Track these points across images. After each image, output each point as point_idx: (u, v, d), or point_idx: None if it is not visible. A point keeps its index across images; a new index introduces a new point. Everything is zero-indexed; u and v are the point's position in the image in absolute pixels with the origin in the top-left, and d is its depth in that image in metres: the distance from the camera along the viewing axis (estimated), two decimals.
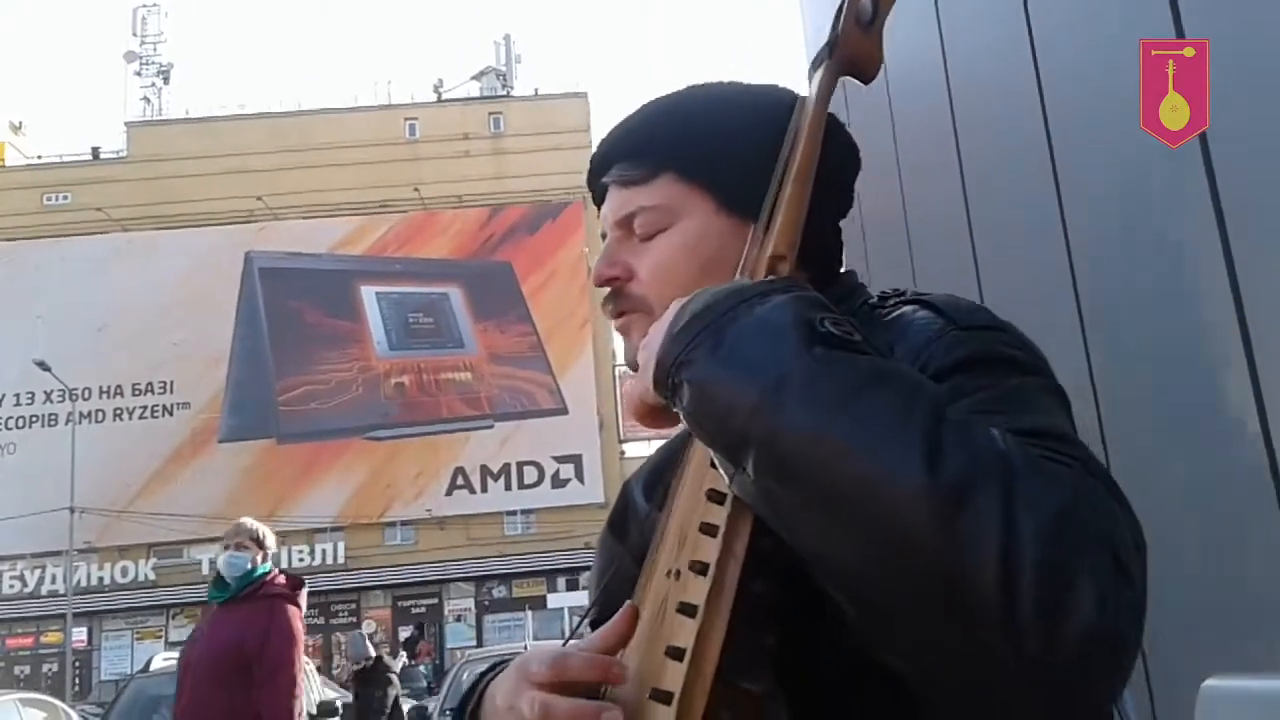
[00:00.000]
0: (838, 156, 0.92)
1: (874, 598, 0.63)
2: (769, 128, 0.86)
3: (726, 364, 0.67)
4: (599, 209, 0.99)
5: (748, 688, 0.68)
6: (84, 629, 28.57)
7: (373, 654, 9.54)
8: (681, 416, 0.72)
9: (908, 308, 0.84)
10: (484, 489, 31.20)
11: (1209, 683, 1.46)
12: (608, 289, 0.95)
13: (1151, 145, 2.17)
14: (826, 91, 0.84)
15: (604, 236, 0.97)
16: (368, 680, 9.39)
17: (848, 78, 0.87)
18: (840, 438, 0.62)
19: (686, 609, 0.69)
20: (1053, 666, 0.57)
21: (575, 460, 30.97)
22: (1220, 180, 2.01)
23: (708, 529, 0.71)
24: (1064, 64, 2.88)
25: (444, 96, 36.27)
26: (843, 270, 0.96)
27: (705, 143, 0.92)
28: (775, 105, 0.89)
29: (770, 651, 0.70)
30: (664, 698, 0.67)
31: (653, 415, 0.76)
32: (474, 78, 37.02)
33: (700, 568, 0.70)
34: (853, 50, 0.84)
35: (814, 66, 0.85)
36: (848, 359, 0.66)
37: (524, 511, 31.31)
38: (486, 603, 30.36)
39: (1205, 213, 2.04)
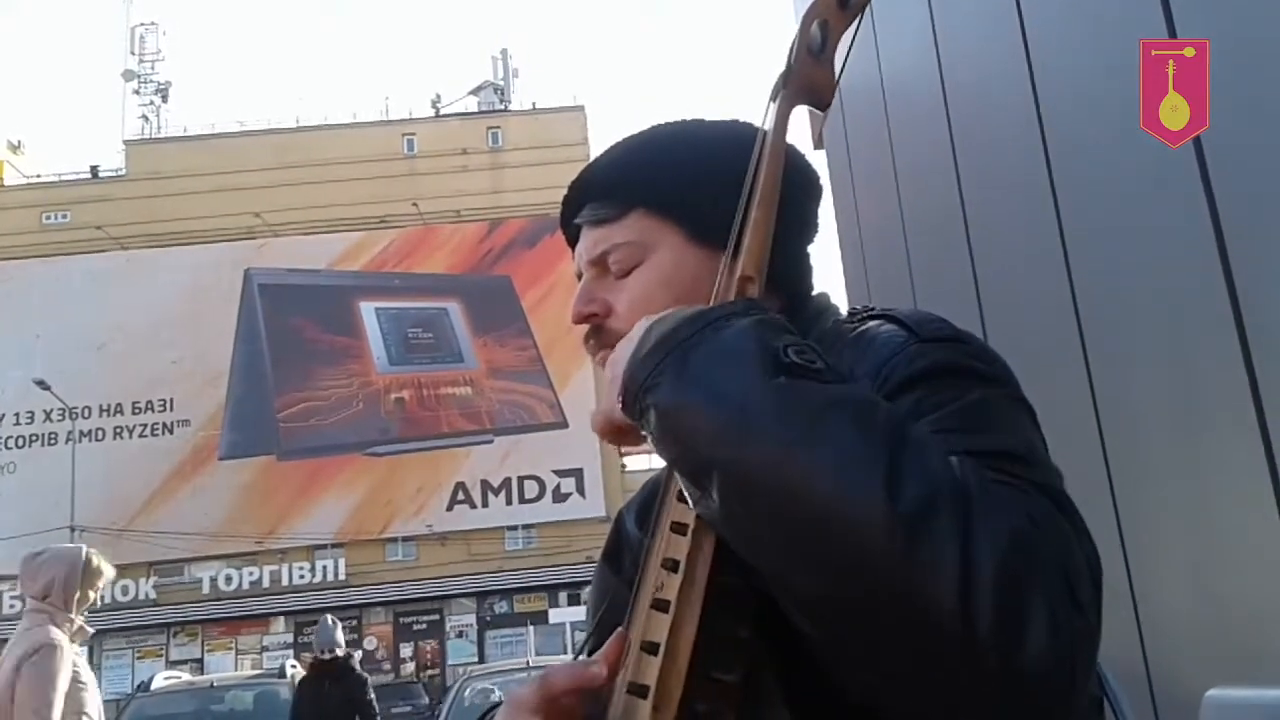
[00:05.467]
0: (798, 184, 0.95)
1: (834, 621, 0.65)
2: (733, 159, 0.88)
3: (691, 390, 0.69)
4: (573, 251, 1.02)
5: (722, 678, 0.70)
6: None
7: (342, 647, 8.48)
8: (649, 440, 0.73)
9: (873, 322, 0.86)
10: (485, 504, 31.16)
11: (1212, 693, 1.46)
12: (588, 327, 0.97)
13: (1148, 149, 2.18)
14: (784, 120, 0.86)
15: (579, 276, 0.99)
16: (324, 672, 8.38)
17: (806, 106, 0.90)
18: (802, 465, 0.63)
19: (660, 604, 0.71)
20: (1008, 687, 0.59)
21: (576, 474, 30.95)
22: (1215, 182, 2.02)
23: (678, 527, 0.73)
24: (1059, 69, 2.89)
25: (442, 111, 36.39)
26: (815, 293, 0.99)
27: (672, 177, 0.95)
28: (738, 138, 0.91)
29: (744, 642, 0.71)
30: (641, 691, 0.69)
31: (620, 434, 0.79)
32: (472, 93, 37.15)
33: (671, 564, 0.72)
34: (807, 79, 0.87)
35: (771, 97, 0.88)
36: (810, 387, 0.67)
37: (525, 526, 31.27)
38: (488, 618, 30.29)
39: (1202, 215, 2.05)
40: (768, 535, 0.65)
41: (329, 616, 8.44)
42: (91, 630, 3.74)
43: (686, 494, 0.71)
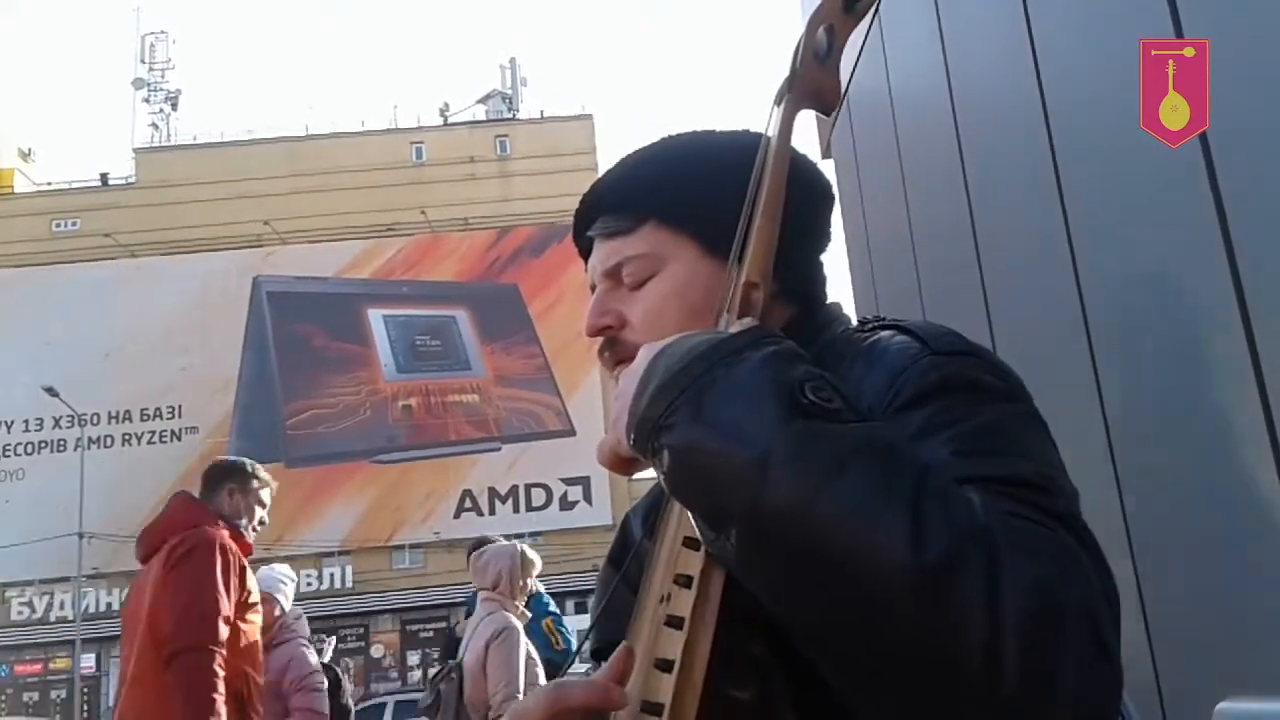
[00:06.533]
0: (809, 192, 0.94)
1: (853, 667, 0.64)
2: (745, 171, 0.87)
3: (707, 433, 0.67)
4: (585, 263, 1.01)
5: (736, 695, 0.70)
6: (92, 655, 28.50)
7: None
8: (661, 480, 0.72)
9: (885, 333, 0.84)
10: (492, 511, 31.14)
11: (1223, 706, 1.45)
12: (602, 339, 0.96)
13: (1155, 154, 2.17)
14: (788, 125, 0.86)
15: (593, 289, 0.99)
16: None
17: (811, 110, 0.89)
18: (824, 515, 0.62)
19: (673, 621, 0.70)
20: None
21: (583, 482, 30.94)
22: (1223, 186, 2.01)
23: (690, 543, 0.72)
24: (1066, 74, 2.88)
25: (450, 120, 36.48)
26: (828, 302, 0.98)
27: (686, 189, 0.94)
28: (750, 148, 0.90)
29: (757, 659, 0.71)
30: (655, 709, 0.68)
31: (625, 464, 0.77)
32: (480, 101, 37.25)
33: (685, 581, 0.71)
34: (812, 83, 0.86)
35: (776, 101, 0.87)
36: (829, 430, 0.66)
37: (532, 534, 31.23)
38: None
39: (1209, 219, 2.04)
40: (785, 581, 0.64)
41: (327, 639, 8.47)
42: (530, 615, 4.37)
43: (699, 533, 0.70)
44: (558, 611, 5.51)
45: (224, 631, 3.23)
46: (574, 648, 5.05)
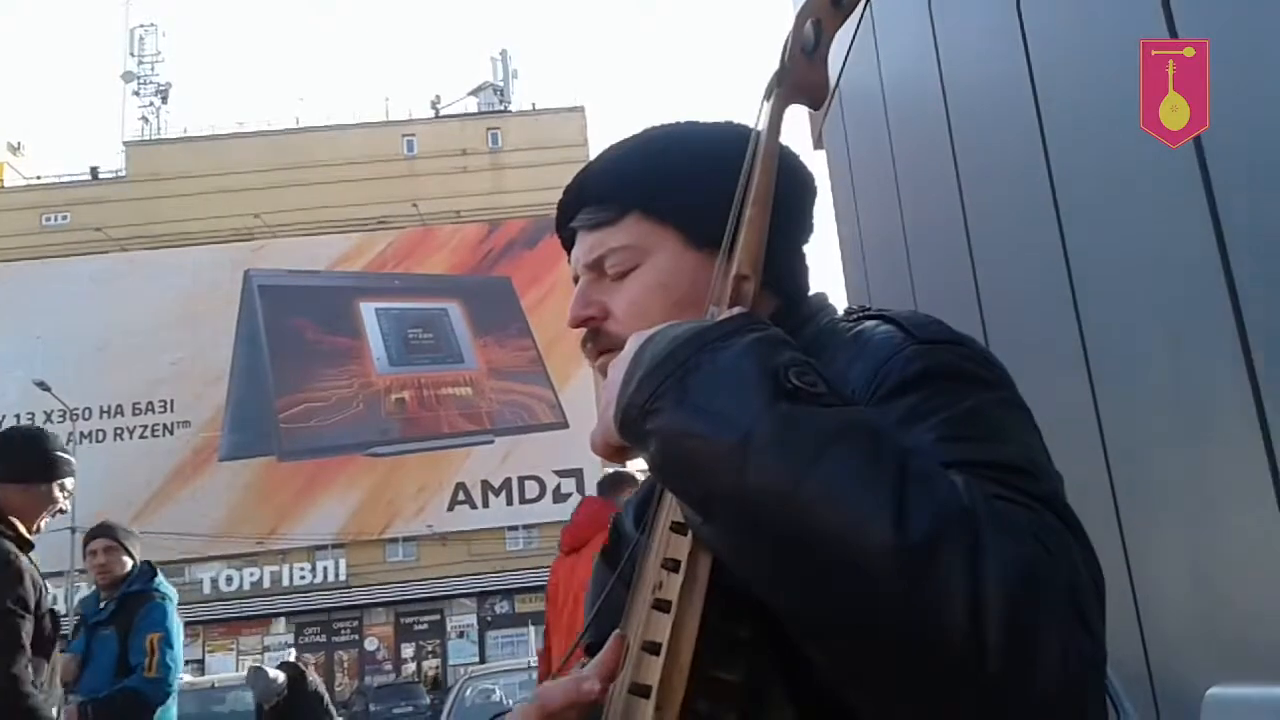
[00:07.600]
0: (793, 184, 0.94)
1: (841, 650, 0.64)
2: (729, 162, 0.87)
3: (691, 418, 0.67)
4: (568, 255, 1.01)
5: (724, 677, 0.69)
6: None
7: (283, 687, 8.01)
8: (648, 465, 0.72)
9: (869, 323, 0.85)
10: (485, 504, 31.17)
11: (1214, 691, 1.46)
12: (585, 330, 0.96)
13: (1147, 151, 2.18)
14: (777, 119, 0.86)
15: (576, 280, 0.98)
16: (284, 717, 8.04)
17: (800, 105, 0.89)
18: (807, 498, 0.62)
19: (661, 605, 0.70)
20: (1020, 718, 0.59)
21: (576, 474, 30.95)
22: (1216, 184, 2.02)
23: (678, 527, 0.72)
24: (1059, 69, 2.89)
25: (442, 112, 36.42)
26: (812, 292, 0.98)
27: (669, 180, 0.94)
28: (734, 140, 0.90)
29: (745, 642, 0.71)
30: (643, 691, 0.68)
31: (617, 453, 0.78)
32: (471, 93, 37.19)
33: (672, 564, 0.71)
34: (800, 78, 0.86)
35: (765, 96, 0.87)
36: (812, 413, 0.66)
37: (525, 526, 31.28)
38: (489, 619, 30.29)
39: (1203, 217, 2.05)
40: (770, 564, 0.65)
41: (258, 665, 8.37)
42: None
43: (687, 518, 0.71)
44: (171, 629, 4.22)
45: None
46: (174, 677, 4.04)
